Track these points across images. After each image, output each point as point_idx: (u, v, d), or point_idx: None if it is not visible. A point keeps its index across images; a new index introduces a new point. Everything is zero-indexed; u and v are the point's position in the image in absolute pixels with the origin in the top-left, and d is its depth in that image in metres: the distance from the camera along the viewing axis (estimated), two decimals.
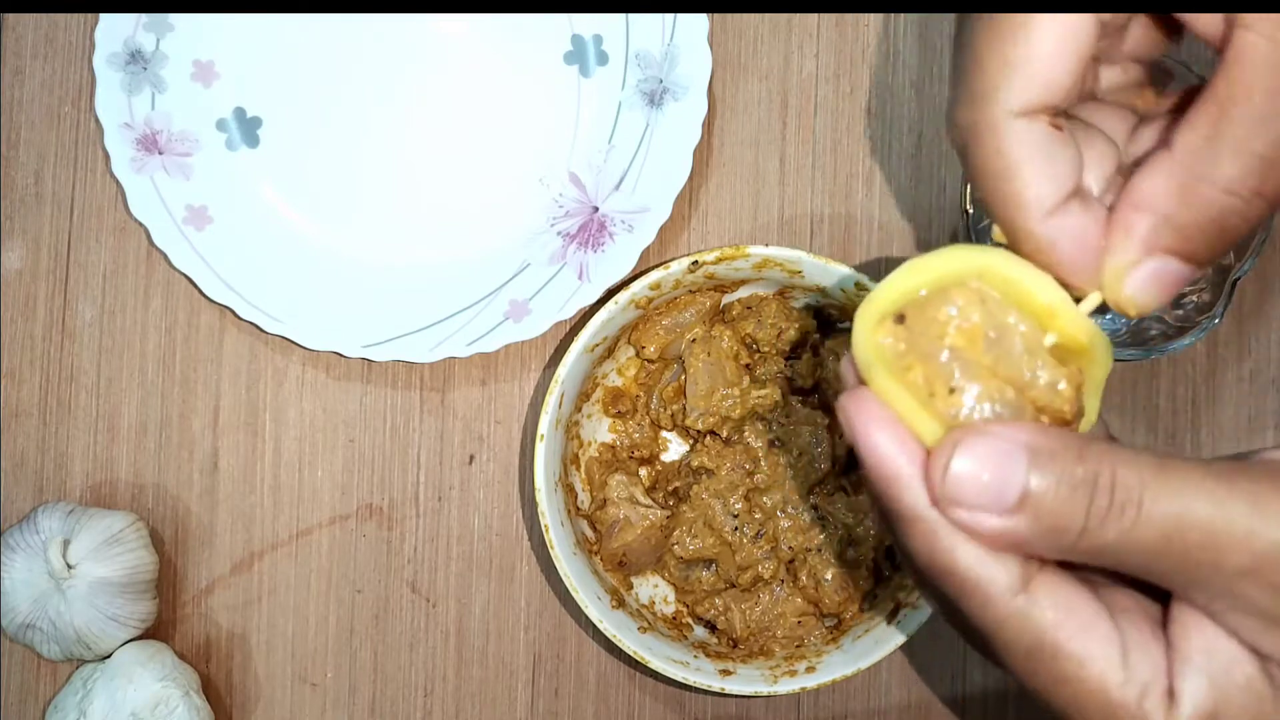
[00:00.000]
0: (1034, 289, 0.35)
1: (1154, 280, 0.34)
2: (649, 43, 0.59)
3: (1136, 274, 0.34)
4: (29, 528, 0.56)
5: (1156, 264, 0.34)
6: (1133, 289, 0.34)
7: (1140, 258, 0.34)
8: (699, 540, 0.58)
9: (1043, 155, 0.34)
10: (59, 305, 0.61)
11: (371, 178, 0.60)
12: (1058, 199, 0.34)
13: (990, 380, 0.34)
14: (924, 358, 0.34)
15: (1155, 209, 0.33)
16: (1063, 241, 0.34)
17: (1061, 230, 0.34)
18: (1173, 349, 0.56)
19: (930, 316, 0.34)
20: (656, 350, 0.59)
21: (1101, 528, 0.32)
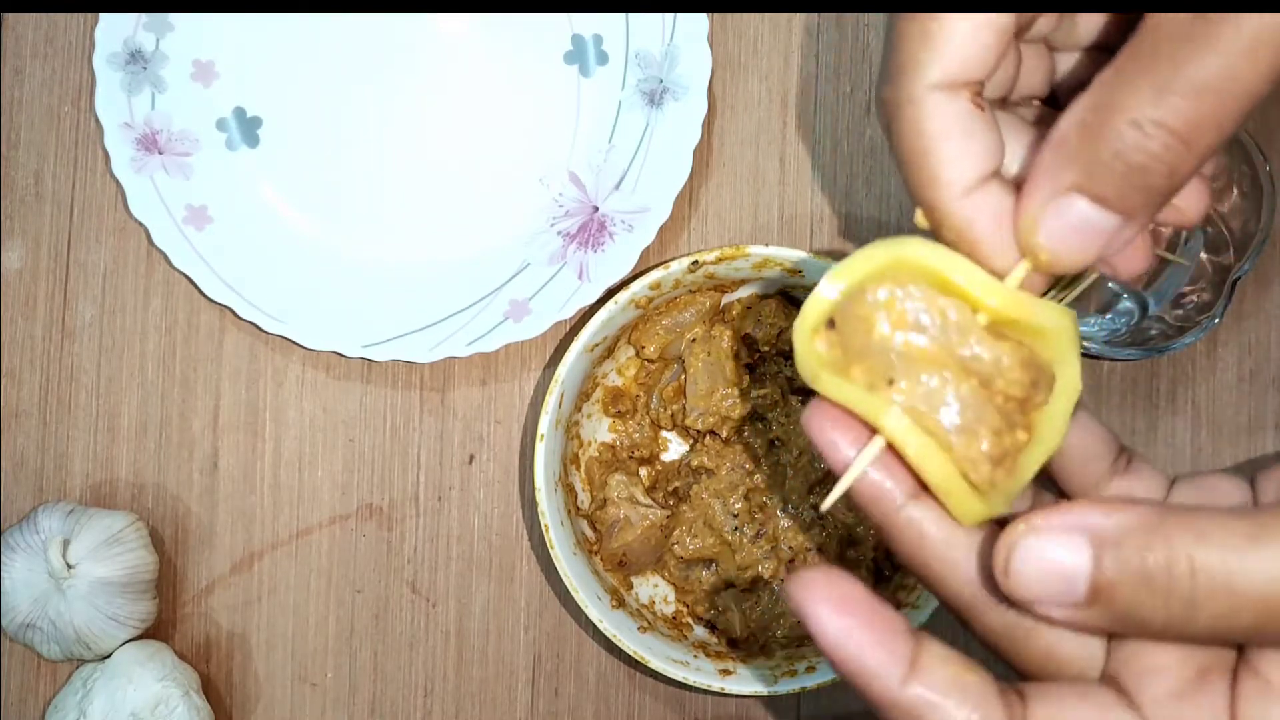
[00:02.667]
0: (949, 271, 0.34)
1: (1067, 227, 0.32)
2: (649, 42, 0.59)
3: (1046, 218, 0.32)
4: (29, 528, 0.56)
5: (1064, 203, 0.32)
6: (1044, 235, 0.32)
7: (1048, 198, 0.32)
8: (699, 540, 0.58)
9: (961, 131, 0.33)
10: (59, 305, 0.61)
11: (371, 177, 0.60)
12: (976, 177, 0.33)
13: (930, 365, 0.34)
14: (859, 355, 0.34)
15: (1062, 143, 0.32)
16: (981, 220, 0.33)
17: (979, 209, 0.33)
18: (1173, 349, 0.56)
19: (855, 315, 0.34)
20: (656, 350, 0.59)
21: (1192, 616, 0.30)
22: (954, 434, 0.34)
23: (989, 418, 0.34)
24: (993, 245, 0.33)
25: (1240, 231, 0.56)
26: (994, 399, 0.34)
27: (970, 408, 0.34)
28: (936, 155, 0.33)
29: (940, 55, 0.33)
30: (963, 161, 0.33)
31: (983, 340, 0.34)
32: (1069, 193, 0.32)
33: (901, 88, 0.33)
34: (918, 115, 0.33)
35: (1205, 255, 0.58)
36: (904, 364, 0.34)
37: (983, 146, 0.33)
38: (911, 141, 0.33)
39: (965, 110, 0.33)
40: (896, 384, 0.34)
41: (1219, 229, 0.57)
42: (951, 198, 0.33)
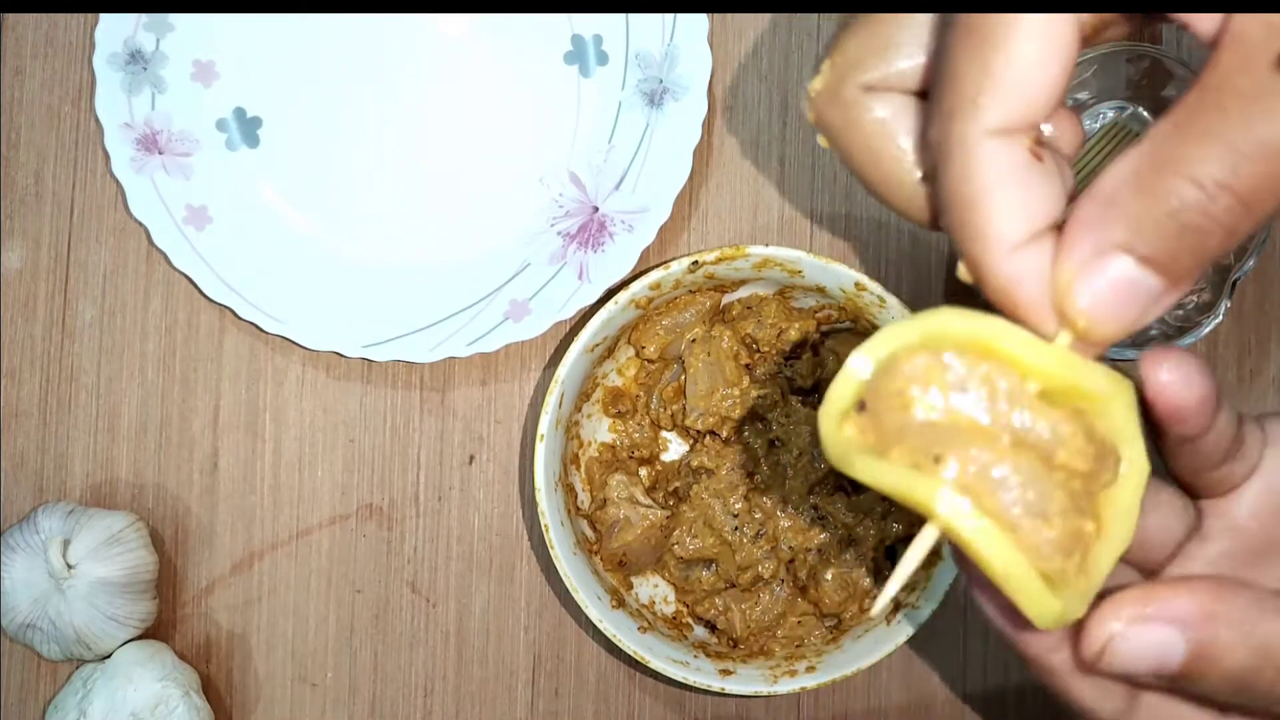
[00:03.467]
0: (993, 337, 0.31)
1: (1110, 288, 0.30)
2: (649, 43, 0.59)
3: (1087, 278, 0.30)
4: (29, 528, 0.56)
5: (1109, 262, 0.29)
6: (1084, 297, 0.30)
7: (1090, 255, 0.30)
8: (699, 540, 0.58)
9: (1016, 183, 0.30)
10: (59, 305, 0.61)
11: (371, 177, 0.60)
12: (1028, 233, 0.30)
13: (981, 440, 0.30)
14: (897, 436, 0.30)
15: (1111, 198, 0.29)
16: (1028, 280, 0.30)
17: (1028, 267, 0.30)
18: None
19: (889, 390, 0.31)
20: (656, 350, 0.59)
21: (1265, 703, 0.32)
22: (1019, 517, 0.30)
23: (1055, 498, 0.30)
24: (1040, 309, 0.31)
25: None
26: (1056, 476, 0.30)
27: (1032, 486, 0.30)
28: (987, 208, 0.30)
29: (1001, 96, 0.30)
30: (1014, 216, 0.30)
31: (1038, 409, 0.30)
32: (1115, 251, 0.29)
33: (954, 129, 0.30)
34: (970, 162, 0.30)
35: None
36: (951, 438, 0.30)
37: (1039, 199, 0.30)
38: (959, 189, 0.30)
39: (1022, 160, 0.30)
40: (945, 460, 0.30)
41: None
42: (1000, 255, 0.30)
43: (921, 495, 0.30)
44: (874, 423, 0.31)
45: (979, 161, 0.30)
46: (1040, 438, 0.30)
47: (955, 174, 0.30)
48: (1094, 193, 0.30)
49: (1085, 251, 0.30)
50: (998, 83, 0.30)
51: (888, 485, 0.30)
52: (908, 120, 0.34)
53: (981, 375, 0.30)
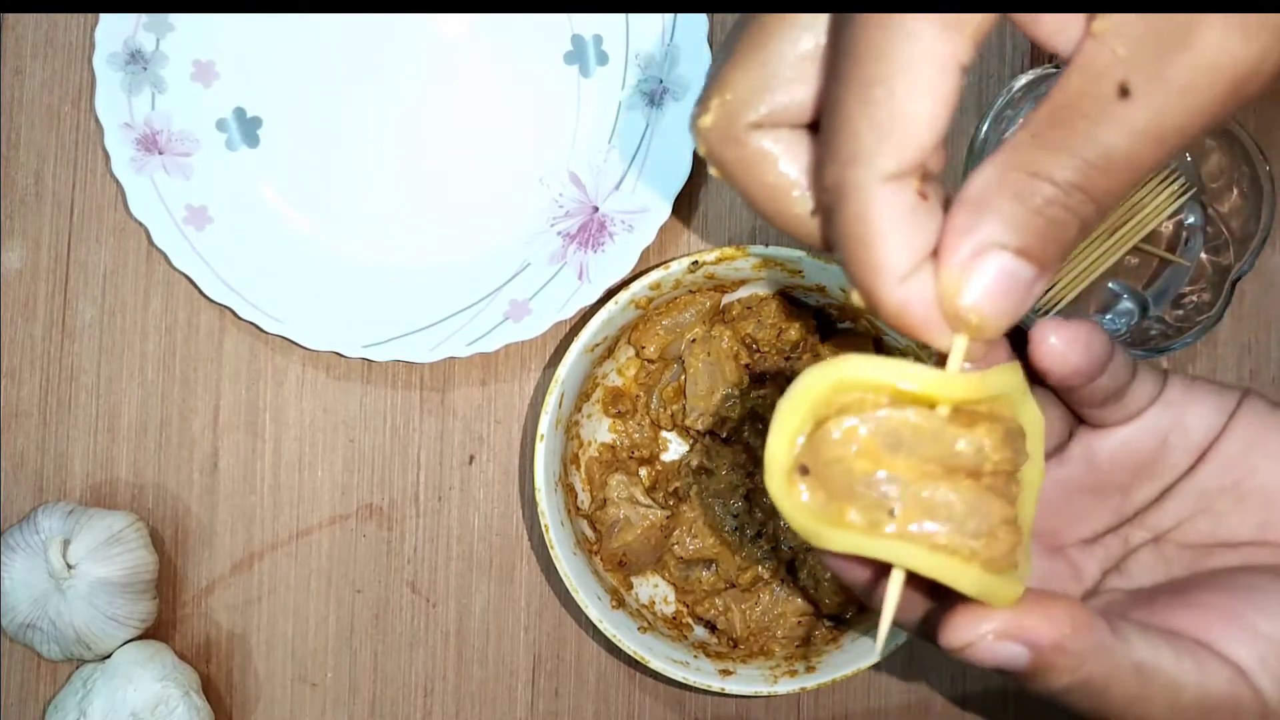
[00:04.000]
0: (893, 379, 0.34)
1: (993, 282, 0.33)
2: (649, 43, 0.59)
3: (971, 277, 0.33)
4: (29, 528, 0.56)
5: (989, 259, 0.33)
6: (971, 294, 0.33)
7: (969, 256, 0.33)
8: (699, 540, 0.58)
9: (906, 223, 0.33)
10: (59, 305, 0.61)
11: (371, 177, 0.60)
12: (913, 265, 0.33)
13: (920, 482, 0.34)
14: (846, 496, 0.34)
15: (980, 203, 0.33)
16: (915, 303, 0.33)
17: (915, 293, 0.33)
18: (1173, 349, 0.56)
19: (826, 459, 0.34)
20: (656, 350, 0.59)
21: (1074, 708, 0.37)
22: (974, 541, 0.34)
23: (996, 510, 0.34)
24: (930, 326, 0.34)
25: (1240, 231, 0.56)
26: (990, 486, 0.34)
27: (976, 510, 0.34)
28: (880, 247, 0.33)
29: (894, 146, 0.33)
30: (903, 252, 0.33)
31: (957, 435, 0.34)
32: (992, 248, 0.33)
33: (848, 177, 0.33)
34: (865, 206, 0.33)
35: (1205, 255, 0.58)
36: (896, 491, 0.34)
37: (923, 233, 0.33)
38: (854, 229, 0.33)
39: (911, 202, 0.33)
40: (897, 513, 0.34)
41: (1219, 229, 0.58)
42: (890, 286, 0.33)
43: (886, 555, 0.34)
44: (820, 483, 0.35)
45: (873, 207, 0.33)
46: (967, 459, 0.34)
47: (850, 216, 0.33)
48: (963, 200, 0.33)
49: (964, 253, 0.33)
50: (889, 135, 0.32)
51: (856, 551, 0.34)
52: (798, 153, 0.36)
53: (901, 422, 0.34)
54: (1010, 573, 0.35)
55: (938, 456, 0.34)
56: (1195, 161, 0.58)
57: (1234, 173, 0.56)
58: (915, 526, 0.34)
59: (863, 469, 0.34)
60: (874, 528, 0.34)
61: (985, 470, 0.34)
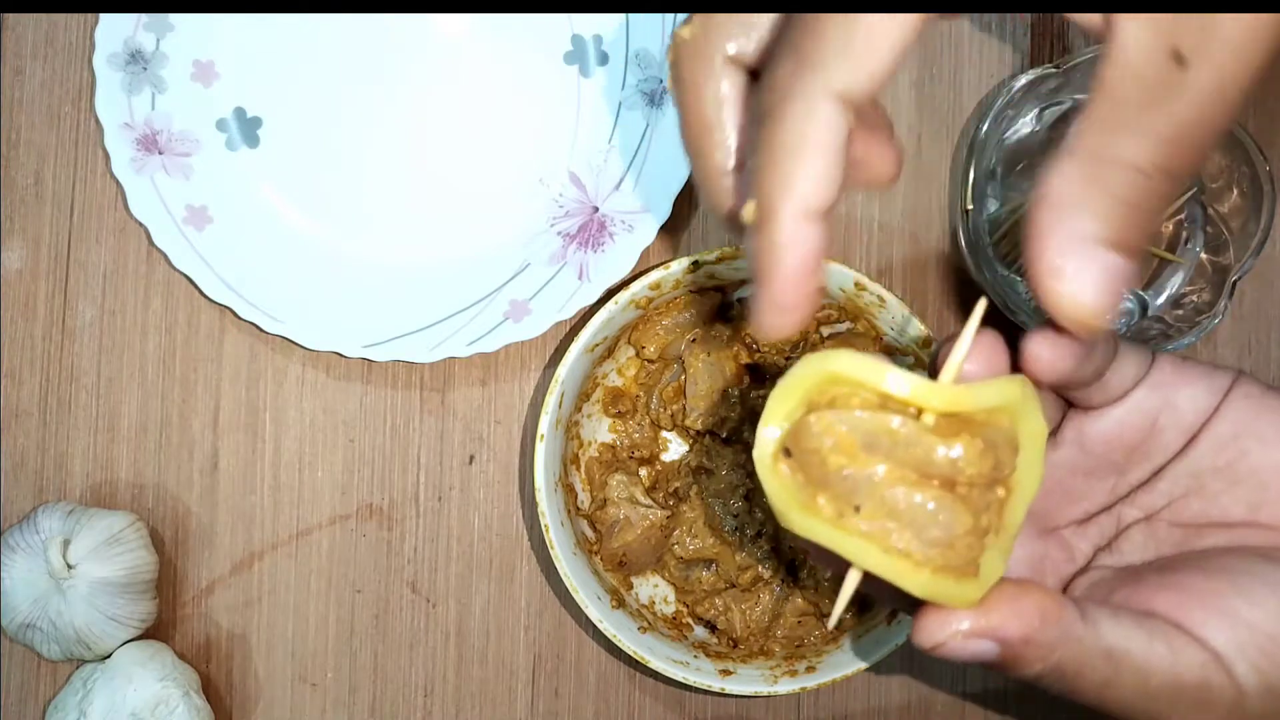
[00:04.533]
0: (882, 383, 0.35)
1: (1102, 277, 0.33)
2: (649, 43, 0.59)
3: (1084, 279, 0.33)
4: (29, 528, 0.56)
5: (1091, 255, 0.32)
6: (1084, 292, 0.33)
7: (1076, 258, 0.32)
8: (699, 540, 0.58)
9: (834, 150, 0.33)
10: (59, 305, 0.61)
11: (371, 177, 0.60)
12: (820, 206, 0.33)
13: (890, 483, 0.34)
14: (820, 484, 0.35)
15: (1070, 202, 0.32)
16: (795, 250, 0.33)
17: (801, 238, 0.33)
18: (1173, 349, 0.56)
19: (806, 449, 0.35)
20: (656, 350, 0.59)
21: (1048, 691, 0.38)
22: (929, 549, 0.35)
23: (960, 520, 0.35)
24: (793, 281, 0.34)
25: (1240, 231, 0.56)
26: (964, 496, 0.35)
27: (938, 519, 0.34)
28: (803, 162, 0.33)
29: (852, 63, 0.32)
30: (821, 183, 0.33)
31: (934, 444, 0.34)
32: (1092, 244, 0.32)
33: (796, 82, 0.33)
34: (804, 115, 0.33)
35: (1205, 255, 0.58)
36: (865, 488, 0.34)
37: (837, 178, 0.33)
38: (787, 135, 0.33)
39: (843, 133, 0.33)
40: (862, 510, 0.35)
41: (1219, 229, 0.58)
42: (791, 212, 0.33)
43: (846, 550, 0.35)
44: (800, 467, 0.35)
45: (813, 116, 0.32)
46: (943, 468, 0.34)
47: (785, 120, 0.32)
48: (1045, 202, 0.33)
49: (1069, 255, 0.32)
50: (852, 46, 0.32)
51: (817, 540, 0.35)
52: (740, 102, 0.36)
53: (881, 425, 0.34)
54: (969, 579, 0.35)
55: (914, 462, 0.34)
56: None
57: (1234, 173, 0.56)
58: (875, 525, 0.35)
59: (836, 463, 0.35)
60: (838, 519, 0.35)
61: (960, 480, 0.35)
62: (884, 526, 0.35)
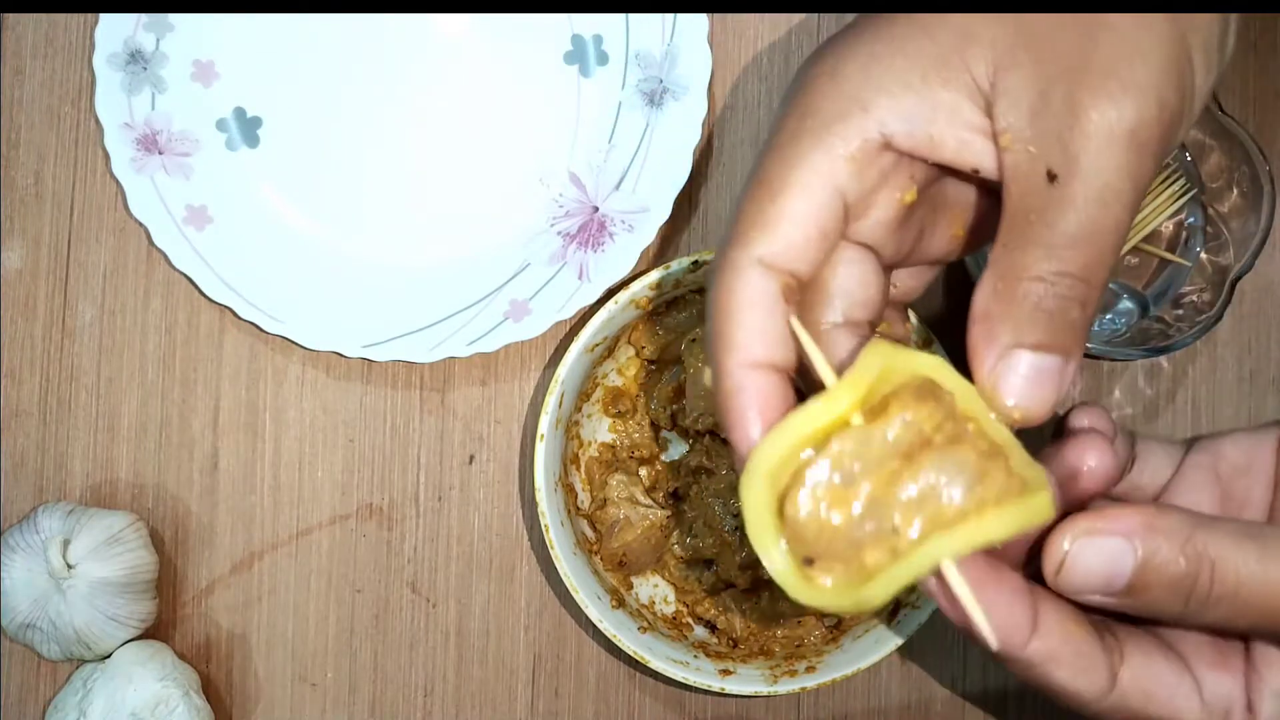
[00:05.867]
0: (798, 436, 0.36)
1: (1022, 378, 0.36)
2: (649, 43, 0.59)
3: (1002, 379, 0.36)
4: (29, 528, 0.56)
5: (1012, 359, 0.36)
6: (1007, 392, 0.36)
7: (996, 363, 0.36)
8: (699, 540, 0.58)
9: (765, 309, 0.37)
10: (59, 305, 0.61)
11: (371, 177, 0.60)
12: (762, 357, 0.37)
13: (891, 484, 0.35)
14: (855, 547, 0.35)
15: (987, 315, 0.36)
16: (744, 394, 0.37)
17: (749, 384, 0.37)
18: (1173, 349, 0.56)
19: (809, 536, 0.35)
20: (656, 350, 0.59)
21: (1201, 612, 0.37)
22: (975, 491, 0.35)
23: (965, 455, 0.35)
24: (744, 420, 0.37)
25: (1240, 231, 0.56)
26: (946, 441, 0.35)
27: (950, 469, 0.35)
28: (736, 320, 0.37)
29: (768, 235, 0.37)
30: (756, 334, 0.37)
31: (881, 428, 0.36)
32: (1011, 350, 0.36)
33: (727, 254, 0.38)
34: (734, 280, 0.37)
35: (1205, 255, 0.58)
36: (881, 507, 0.35)
37: (777, 334, 0.37)
38: (721, 300, 0.37)
39: (774, 292, 0.37)
40: (899, 528, 0.35)
41: (1219, 229, 0.57)
42: (734, 363, 0.37)
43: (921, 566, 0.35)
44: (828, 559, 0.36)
45: (741, 281, 0.37)
46: (908, 439, 0.35)
47: (721, 288, 0.37)
48: (973, 319, 0.37)
49: (991, 360, 0.36)
50: (766, 222, 0.37)
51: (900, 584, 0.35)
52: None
53: (833, 456, 0.35)
54: (1030, 491, 0.35)
55: (884, 456, 0.35)
56: (1195, 161, 0.58)
57: (1234, 173, 0.56)
58: (920, 523, 0.35)
59: (844, 517, 0.35)
60: (895, 554, 0.35)
61: (929, 434, 0.35)
62: (926, 518, 0.35)
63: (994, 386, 0.36)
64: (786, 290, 0.37)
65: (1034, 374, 0.36)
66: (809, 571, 0.36)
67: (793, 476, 0.36)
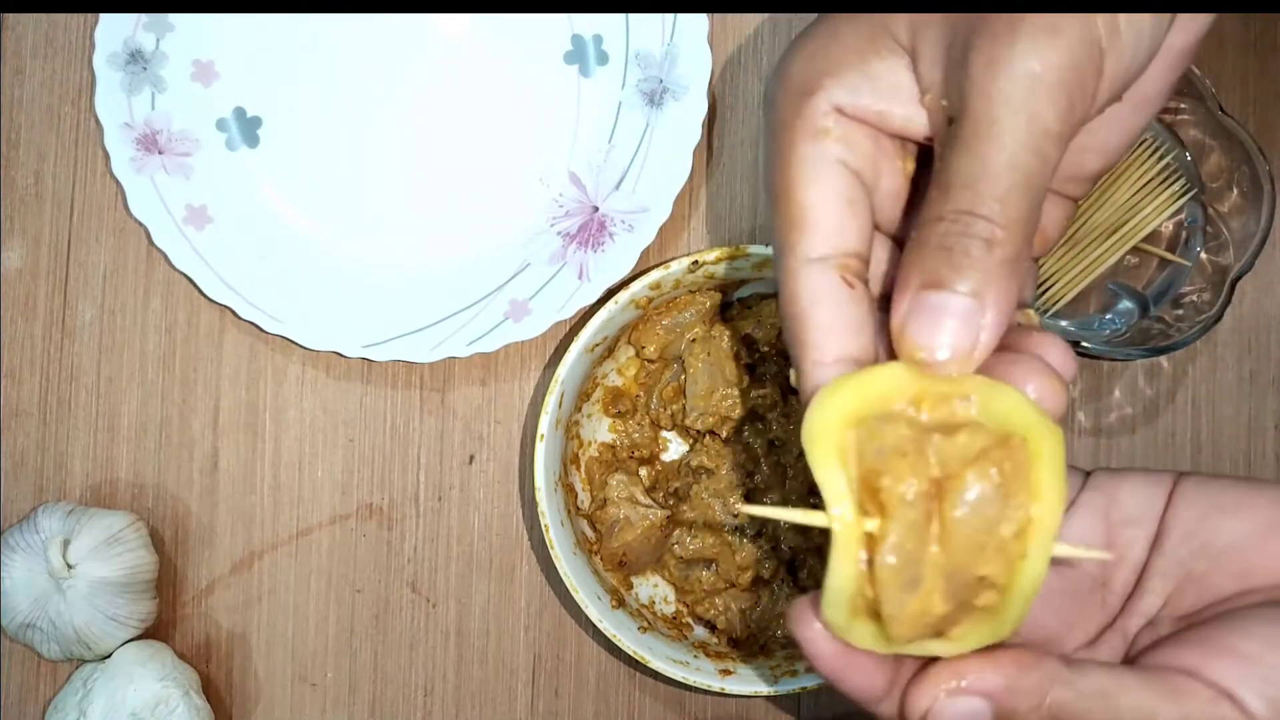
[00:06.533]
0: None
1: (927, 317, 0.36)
2: (649, 42, 0.59)
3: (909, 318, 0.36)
4: (29, 528, 0.56)
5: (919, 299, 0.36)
6: (912, 330, 0.36)
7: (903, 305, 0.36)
8: (699, 540, 0.58)
9: (830, 301, 0.38)
10: (59, 305, 0.61)
11: (371, 177, 0.60)
12: (838, 353, 0.37)
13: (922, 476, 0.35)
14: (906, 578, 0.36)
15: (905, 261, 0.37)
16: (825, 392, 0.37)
17: (828, 380, 0.37)
18: (1173, 349, 0.56)
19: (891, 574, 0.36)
20: (656, 350, 0.59)
21: None
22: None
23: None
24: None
25: (1240, 231, 0.56)
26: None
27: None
28: (808, 319, 0.38)
29: (803, 233, 0.38)
30: (829, 330, 0.37)
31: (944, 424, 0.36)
32: (920, 290, 0.36)
33: (781, 263, 0.38)
34: (794, 284, 0.38)
35: (1205, 255, 0.58)
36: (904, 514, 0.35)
37: (847, 323, 0.38)
38: (790, 308, 0.38)
39: (834, 283, 0.38)
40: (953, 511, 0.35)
41: (1219, 229, 0.57)
42: (812, 363, 0.38)
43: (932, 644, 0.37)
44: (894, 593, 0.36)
45: (799, 284, 0.38)
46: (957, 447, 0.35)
47: (787, 296, 0.38)
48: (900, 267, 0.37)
49: (903, 301, 0.36)
50: (795, 222, 0.38)
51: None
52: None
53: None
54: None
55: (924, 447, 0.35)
56: (1195, 161, 0.58)
57: (1234, 173, 0.56)
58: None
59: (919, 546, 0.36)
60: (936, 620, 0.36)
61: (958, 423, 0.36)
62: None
63: (900, 330, 0.36)
64: (846, 273, 0.38)
65: (933, 313, 0.36)
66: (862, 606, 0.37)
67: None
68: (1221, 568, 0.41)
